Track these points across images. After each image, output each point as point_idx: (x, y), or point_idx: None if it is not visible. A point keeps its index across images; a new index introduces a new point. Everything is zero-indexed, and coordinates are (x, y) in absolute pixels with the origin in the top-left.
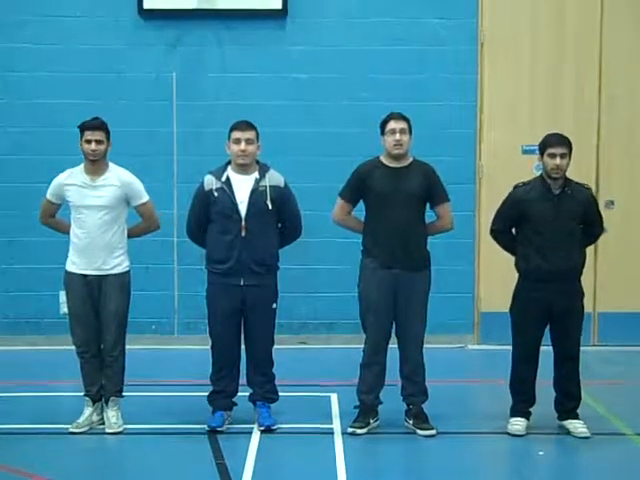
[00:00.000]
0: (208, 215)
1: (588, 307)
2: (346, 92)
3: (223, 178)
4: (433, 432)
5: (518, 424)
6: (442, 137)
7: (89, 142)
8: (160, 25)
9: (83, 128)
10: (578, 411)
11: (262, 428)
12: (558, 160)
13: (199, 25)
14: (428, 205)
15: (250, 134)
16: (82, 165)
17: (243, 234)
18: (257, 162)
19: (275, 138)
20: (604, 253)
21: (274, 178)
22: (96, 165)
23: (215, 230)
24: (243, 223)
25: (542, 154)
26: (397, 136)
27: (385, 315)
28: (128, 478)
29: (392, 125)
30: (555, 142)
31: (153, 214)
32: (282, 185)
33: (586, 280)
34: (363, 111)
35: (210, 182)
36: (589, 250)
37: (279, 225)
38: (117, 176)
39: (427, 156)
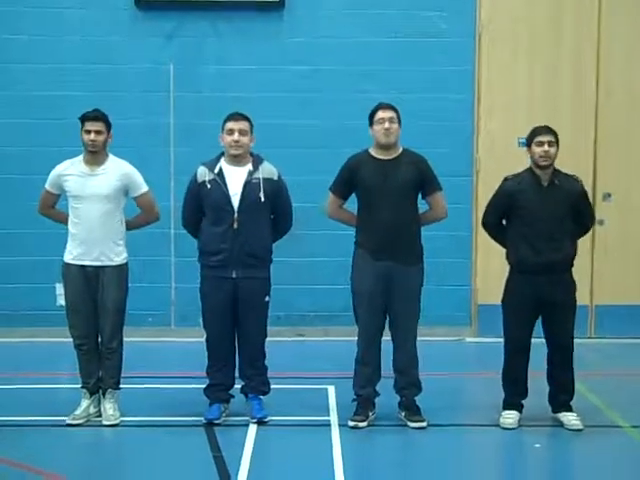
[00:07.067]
0: (201, 207)
1: (585, 299)
2: (344, 84)
3: (216, 170)
4: (424, 424)
5: (510, 417)
6: (439, 129)
7: (88, 132)
8: (157, 16)
9: (83, 119)
10: (573, 403)
11: (254, 420)
12: (546, 147)
13: (196, 16)
14: (420, 195)
15: (244, 125)
16: (81, 156)
17: (235, 226)
18: (251, 154)
19: (273, 130)
20: (601, 245)
21: (267, 170)
22: (95, 156)
23: (208, 222)
24: (235, 215)
25: (529, 145)
26: (386, 124)
27: (376, 308)
28: (125, 470)
29: (380, 114)
30: (542, 131)
31: (153, 205)
32: (275, 178)
33: (583, 272)
34: (361, 103)
35: (203, 174)
36: (586, 242)
37: (271, 217)
38: (117, 167)
39: (424, 148)
